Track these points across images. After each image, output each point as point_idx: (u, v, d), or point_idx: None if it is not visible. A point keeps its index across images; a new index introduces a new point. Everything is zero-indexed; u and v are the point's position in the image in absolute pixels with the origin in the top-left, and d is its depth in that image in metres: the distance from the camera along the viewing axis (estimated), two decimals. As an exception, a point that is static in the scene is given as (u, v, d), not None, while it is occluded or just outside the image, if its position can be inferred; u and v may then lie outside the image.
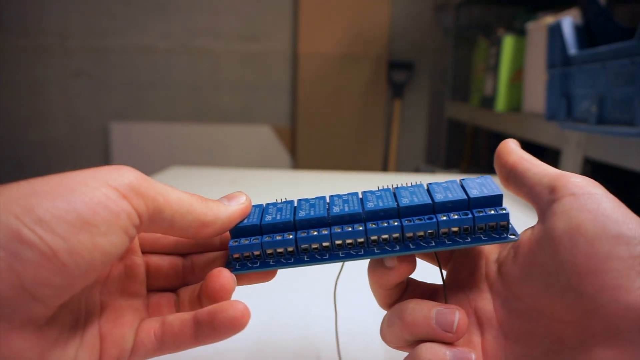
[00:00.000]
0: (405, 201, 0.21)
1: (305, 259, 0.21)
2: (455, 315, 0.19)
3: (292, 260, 0.21)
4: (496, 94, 1.21)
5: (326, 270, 0.29)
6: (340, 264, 0.22)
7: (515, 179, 0.22)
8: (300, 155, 1.83)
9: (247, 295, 0.24)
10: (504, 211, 0.20)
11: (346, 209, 0.21)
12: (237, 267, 0.21)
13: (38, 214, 0.15)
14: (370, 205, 0.21)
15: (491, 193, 0.21)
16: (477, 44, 1.44)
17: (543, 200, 0.20)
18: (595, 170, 0.92)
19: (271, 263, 0.21)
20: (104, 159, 1.86)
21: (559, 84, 0.69)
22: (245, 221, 0.21)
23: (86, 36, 1.77)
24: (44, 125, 1.83)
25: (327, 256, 0.21)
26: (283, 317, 0.34)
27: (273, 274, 0.22)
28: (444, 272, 0.23)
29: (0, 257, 0.15)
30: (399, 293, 0.23)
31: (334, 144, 1.83)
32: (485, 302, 0.21)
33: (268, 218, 0.21)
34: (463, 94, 1.69)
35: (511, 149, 0.23)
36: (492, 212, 0.20)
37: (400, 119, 1.83)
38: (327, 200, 0.22)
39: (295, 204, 0.22)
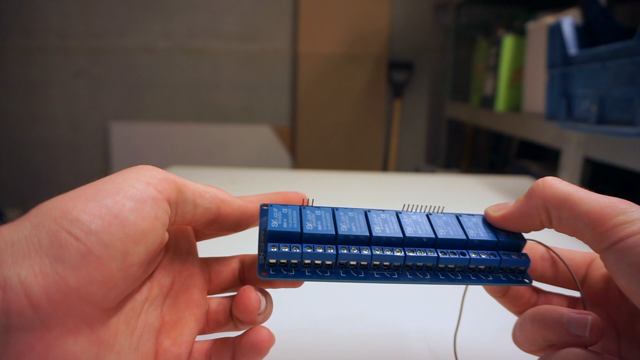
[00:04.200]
0: (442, 233, 0.22)
1: (342, 275, 0.21)
2: (588, 319, 0.19)
3: (328, 274, 0.21)
4: (496, 94, 1.21)
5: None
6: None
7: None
8: (300, 155, 1.83)
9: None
10: (526, 257, 0.22)
11: (387, 231, 0.21)
12: (271, 272, 0.21)
13: (73, 214, 0.16)
14: (409, 230, 0.22)
15: (518, 239, 0.22)
16: (477, 44, 1.44)
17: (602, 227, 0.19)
18: (596, 170, 0.92)
19: (307, 273, 0.21)
20: (104, 159, 1.86)
21: (559, 84, 0.69)
22: (285, 225, 0.21)
23: (86, 36, 1.77)
24: (44, 125, 1.83)
25: (363, 275, 0.21)
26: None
27: (303, 282, 0.23)
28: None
29: (44, 263, 0.15)
30: (527, 301, 0.24)
31: (334, 144, 1.83)
32: (622, 312, 0.21)
33: (309, 226, 0.21)
34: (463, 94, 1.69)
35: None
36: (516, 256, 0.22)
37: (400, 119, 1.83)
38: (365, 215, 0.22)
39: (333, 213, 0.22)
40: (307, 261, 0.21)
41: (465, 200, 0.70)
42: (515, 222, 0.22)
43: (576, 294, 0.23)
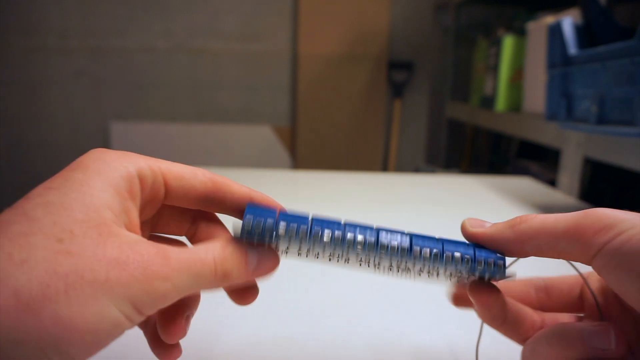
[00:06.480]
0: (417, 241, 0.21)
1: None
2: (610, 332, 0.19)
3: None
4: (496, 94, 1.21)
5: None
6: None
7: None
8: (300, 155, 1.83)
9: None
10: (502, 255, 0.21)
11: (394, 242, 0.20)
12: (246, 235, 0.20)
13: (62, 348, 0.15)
14: (384, 235, 0.21)
15: (497, 254, 0.21)
16: (477, 44, 1.44)
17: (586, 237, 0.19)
18: (595, 170, 0.92)
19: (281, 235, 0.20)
20: (104, 159, 1.86)
21: (559, 84, 0.69)
22: (293, 215, 0.20)
23: (86, 36, 1.77)
24: (44, 125, 1.83)
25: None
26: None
27: (278, 256, 0.21)
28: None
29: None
30: (531, 325, 0.23)
31: (334, 144, 1.83)
32: (626, 323, 0.21)
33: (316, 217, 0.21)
34: (463, 94, 1.69)
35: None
36: (490, 252, 0.21)
37: (400, 119, 1.83)
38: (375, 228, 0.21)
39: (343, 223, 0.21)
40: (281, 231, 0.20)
41: (465, 200, 0.70)
42: (487, 244, 0.21)
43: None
